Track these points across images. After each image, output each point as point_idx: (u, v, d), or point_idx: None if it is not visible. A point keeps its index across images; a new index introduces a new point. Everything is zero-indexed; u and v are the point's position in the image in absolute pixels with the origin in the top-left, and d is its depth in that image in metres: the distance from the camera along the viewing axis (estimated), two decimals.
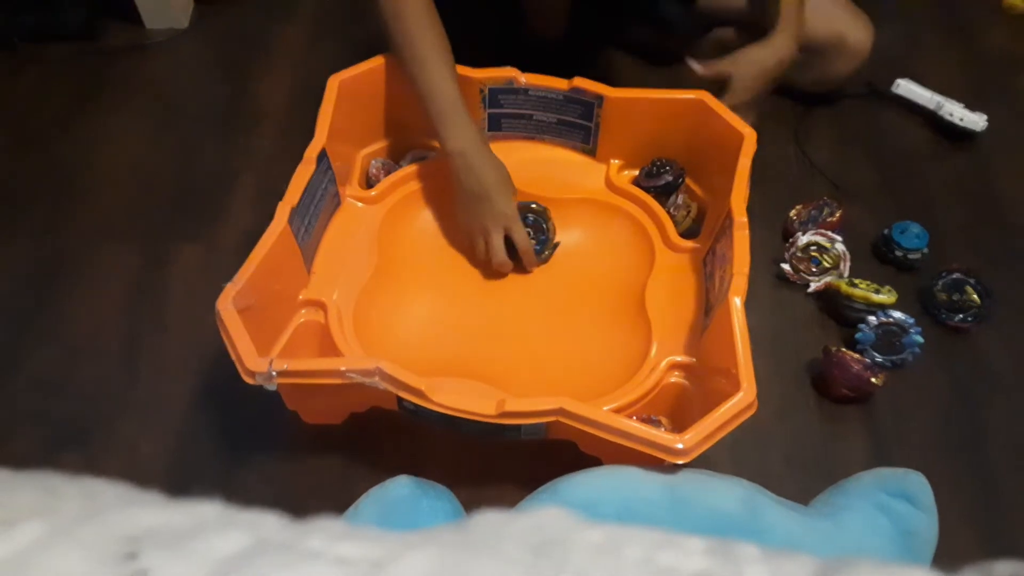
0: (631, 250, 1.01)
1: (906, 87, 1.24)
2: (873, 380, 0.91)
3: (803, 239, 1.02)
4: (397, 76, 1.03)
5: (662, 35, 1.24)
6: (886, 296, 0.98)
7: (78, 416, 0.93)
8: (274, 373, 0.73)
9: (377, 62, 1.00)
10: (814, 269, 1.04)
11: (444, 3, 0.94)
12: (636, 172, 1.07)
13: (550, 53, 1.14)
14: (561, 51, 1.21)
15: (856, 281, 0.99)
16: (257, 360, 0.74)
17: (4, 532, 0.19)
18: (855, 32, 1.16)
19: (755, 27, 1.22)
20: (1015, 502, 0.89)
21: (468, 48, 1.00)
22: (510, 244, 0.96)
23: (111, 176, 1.17)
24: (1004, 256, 1.10)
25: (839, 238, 1.02)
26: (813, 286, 1.03)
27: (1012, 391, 0.97)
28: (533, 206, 1.01)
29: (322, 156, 0.93)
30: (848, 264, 1.03)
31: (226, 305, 0.76)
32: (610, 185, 1.06)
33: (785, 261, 1.04)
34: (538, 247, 1.00)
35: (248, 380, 0.74)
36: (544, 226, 1.01)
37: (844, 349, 0.93)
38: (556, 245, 1.02)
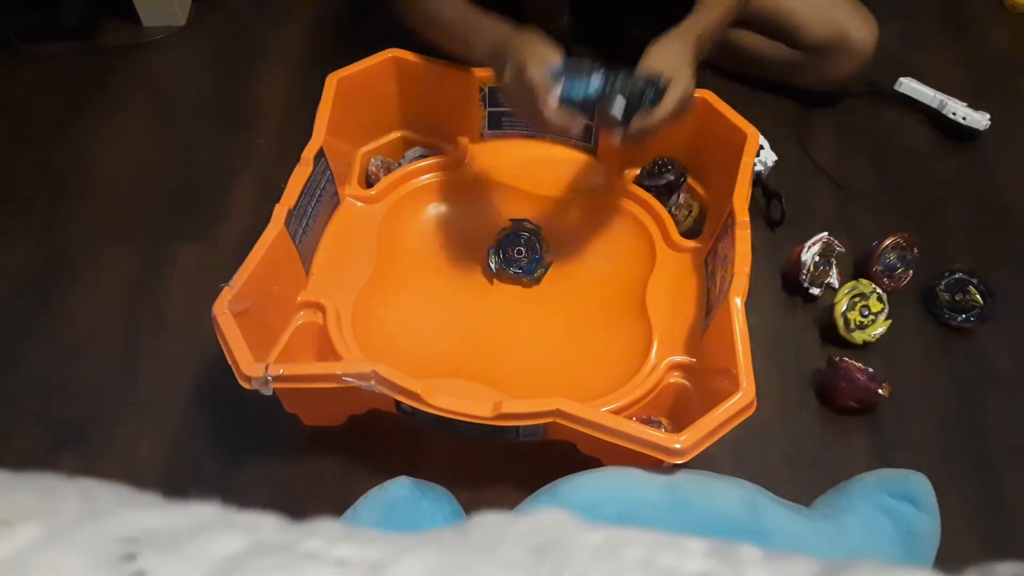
0: (632, 249, 1.01)
1: (909, 85, 1.24)
2: (880, 392, 0.91)
3: (807, 259, 1.01)
4: (396, 74, 1.03)
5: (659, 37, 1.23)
6: (864, 335, 0.98)
7: (77, 416, 0.93)
8: (270, 378, 0.73)
9: (376, 60, 1.00)
10: (832, 272, 1.04)
11: None
12: (637, 171, 1.07)
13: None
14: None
15: (849, 316, 0.99)
16: (253, 365, 0.73)
17: (3, 533, 0.19)
18: (859, 30, 1.15)
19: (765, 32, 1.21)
20: (1018, 503, 0.89)
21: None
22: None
23: (110, 176, 1.17)
24: (1007, 255, 1.10)
25: (823, 235, 1.02)
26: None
27: (1015, 391, 0.97)
28: (527, 224, 1.01)
29: (320, 156, 0.92)
30: (837, 246, 1.03)
31: (222, 309, 0.76)
32: (611, 184, 1.05)
33: (809, 285, 1.02)
34: (531, 265, 1.00)
35: (244, 385, 0.74)
36: (537, 246, 1.01)
37: (848, 359, 0.93)
38: (549, 264, 1.01)
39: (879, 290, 0.99)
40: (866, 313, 0.98)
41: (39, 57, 1.31)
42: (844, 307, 0.98)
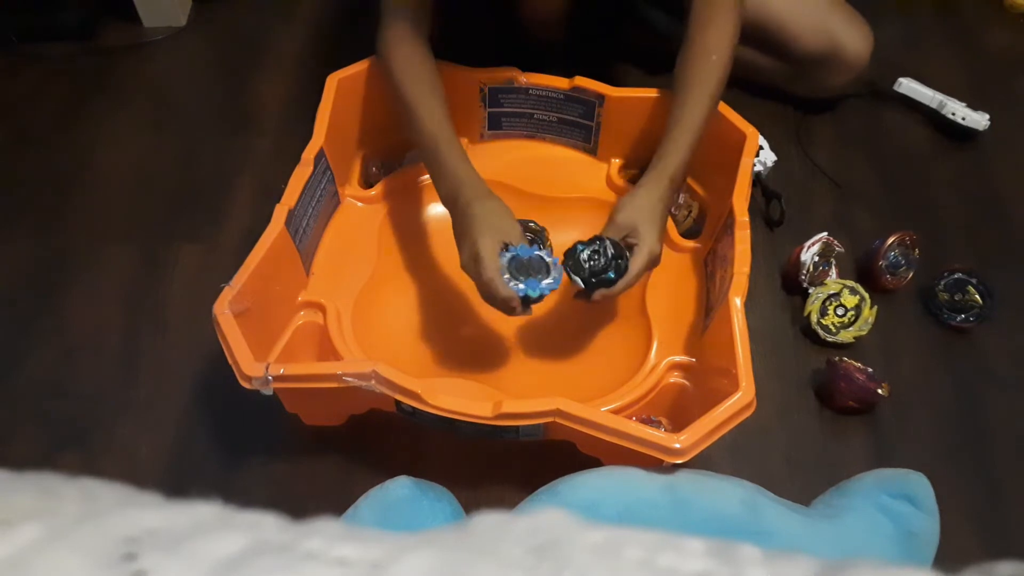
0: None
1: (908, 86, 1.24)
2: (879, 391, 0.91)
3: (806, 259, 1.01)
4: None
5: (658, 41, 1.24)
6: (853, 332, 0.98)
7: (77, 417, 0.93)
8: (270, 378, 0.73)
9: (376, 60, 1.00)
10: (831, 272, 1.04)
11: (444, 7, 0.94)
12: (637, 171, 1.07)
13: (550, 55, 1.14)
14: (560, 53, 1.21)
15: (825, 322, 0.99)
16: (254, 365, 0.74)
17: (3, 533, 0.19)
18: (853, 41, 1.14)
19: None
20: (1017, 502, 0.89)
21: (468, 49, 1.00)
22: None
23: (111, 176, 1.17)
24: (1007, 255, 1.10)
25: (823, 235, 1.02)
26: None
27: (1014, 391, 0.97)
28: (531, 225, 1.00)
29: (320, 156, 0.92)
30: (836, 247, 1.03)
31: (223, 309, 0.76)
32: (611, 184, 1.06)
33: (809, 285, 1.01)
34: None
35: (245, 385, 0.74)
36: (539, 246, 1.00)
37: (847, 359, 0.93)
38: None
39: (847, 284, 0.99)
40: (842, 312, 0.98)
41: (39, 57, 1.31)
42: (816, 316, 0.99)
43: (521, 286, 0.80)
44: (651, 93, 1.01)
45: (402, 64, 0.91)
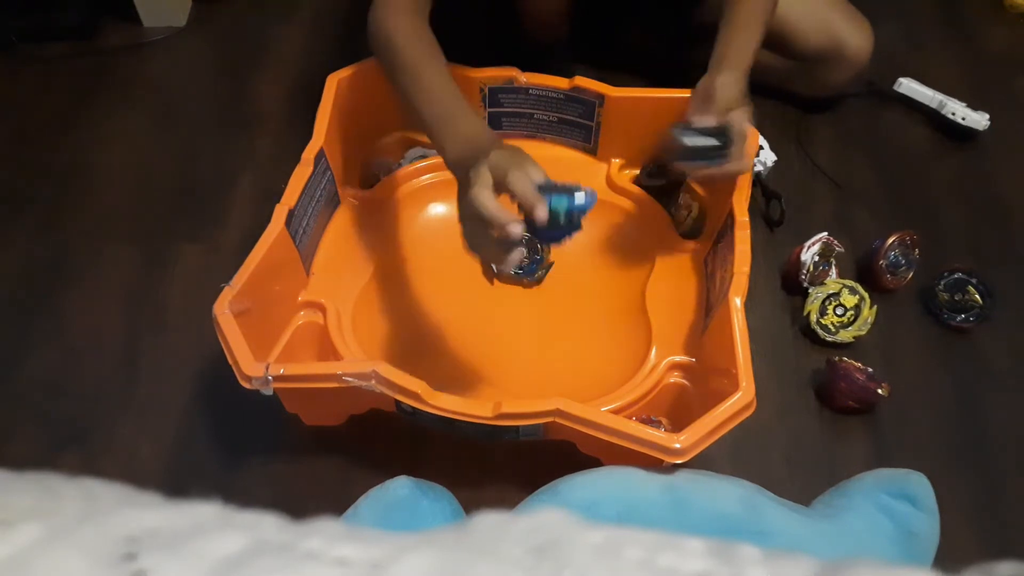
0: (632, 250, 1.01)
1: (908, 86, 1.24)
2: (879, 392, 0.91)
3: (806, 259, 1.01)
4: None
5: (660, 40, 1.23)
6: (852, 332, 0.98)
7: (78, 416, 0.93)
8: (270, 378, 0.73)
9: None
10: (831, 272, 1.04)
11: (444, 9, 0.94)
12: (637, 171, 1.07)
13: (550, 55, 1.14)
14: (560, 53, 1.21)
15: (824, 321, 0.99)
16: (254, 365, 0.74)
17: (3, 533, 0.19)
18: (854, 38, 1.14)
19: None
20: (1017, 503, 0.89)
21: (468, 49, 1.00)
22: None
23: (111, 176, 1.17)
24: (1007, 255, 1.10)
25: (823, 235, 1.02)
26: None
27: (1014, 391, 0.97)
28: None
29: (320, 156, 0.92)
30: (836, 246, 1.03)
31: (223, 309, 0.76)
32: (611, 184, 1.06)
33: (809, 285, 1.01)
34: (532, 266, 1.00)
35: (245, 385, 0.74)
36: (538, 246, 1.00)
37: (847, 359, 0.93)
38: (550, 265, 1.01)
39: (846, 284, 0.99)
40: (842, 312, 0.98)
41: (39, 57, 1.31)
42: (816, 316, 0.99)
43: (544, 197, 0.65)
44: (651, 93, 1.01)
45: (403, 33, 0.86)
